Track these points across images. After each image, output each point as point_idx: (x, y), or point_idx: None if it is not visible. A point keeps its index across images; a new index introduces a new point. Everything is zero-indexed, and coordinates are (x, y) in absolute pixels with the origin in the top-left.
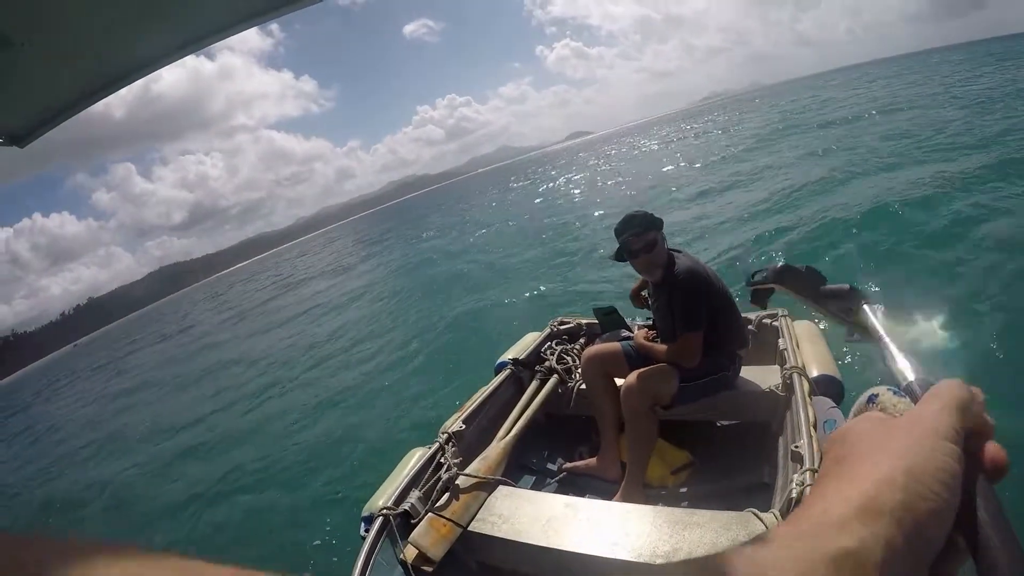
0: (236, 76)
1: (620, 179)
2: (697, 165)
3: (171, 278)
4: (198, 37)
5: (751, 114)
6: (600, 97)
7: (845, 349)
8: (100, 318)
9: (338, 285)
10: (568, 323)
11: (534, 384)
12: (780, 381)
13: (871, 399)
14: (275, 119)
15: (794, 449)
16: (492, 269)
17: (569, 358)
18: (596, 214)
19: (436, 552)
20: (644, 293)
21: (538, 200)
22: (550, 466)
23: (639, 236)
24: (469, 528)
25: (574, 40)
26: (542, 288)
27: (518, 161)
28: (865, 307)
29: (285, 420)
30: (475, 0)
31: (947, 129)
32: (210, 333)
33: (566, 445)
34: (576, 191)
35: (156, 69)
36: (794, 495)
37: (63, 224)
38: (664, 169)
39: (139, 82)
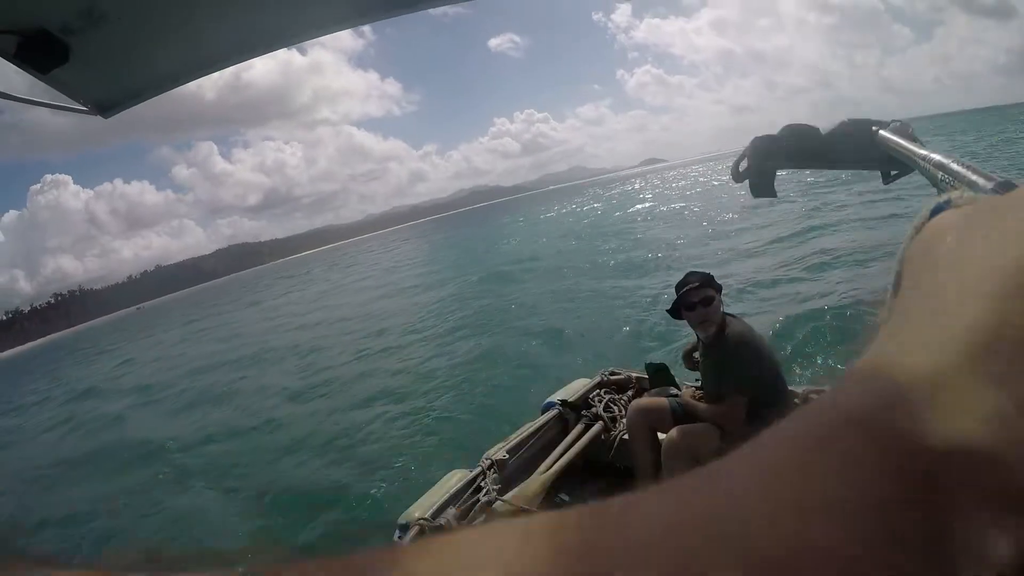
0: (325, 72)
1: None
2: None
3: (238, 257)
4: (294, 33)
5: None
6: (677, 125)
7: None
8: (166, 286)
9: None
10: (618, 374)
11: (578, 427)
12: None
13: (939, 208)
14: (357, 117)
15: None
16: (560, 299)
17: (616, 407)
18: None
19: None
20: (695, 355)
21: (610, 233)
22: None
23: (697, 290)
24: None
25: (655, 67)
26: (596, 336)
27: (592, 181)
28: (881, 132)
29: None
30: (561, 20)
31: None
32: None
33: (601, 491)
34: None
35: (248, 59)
36: None
37: (142, 192)
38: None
39: (231, 68)
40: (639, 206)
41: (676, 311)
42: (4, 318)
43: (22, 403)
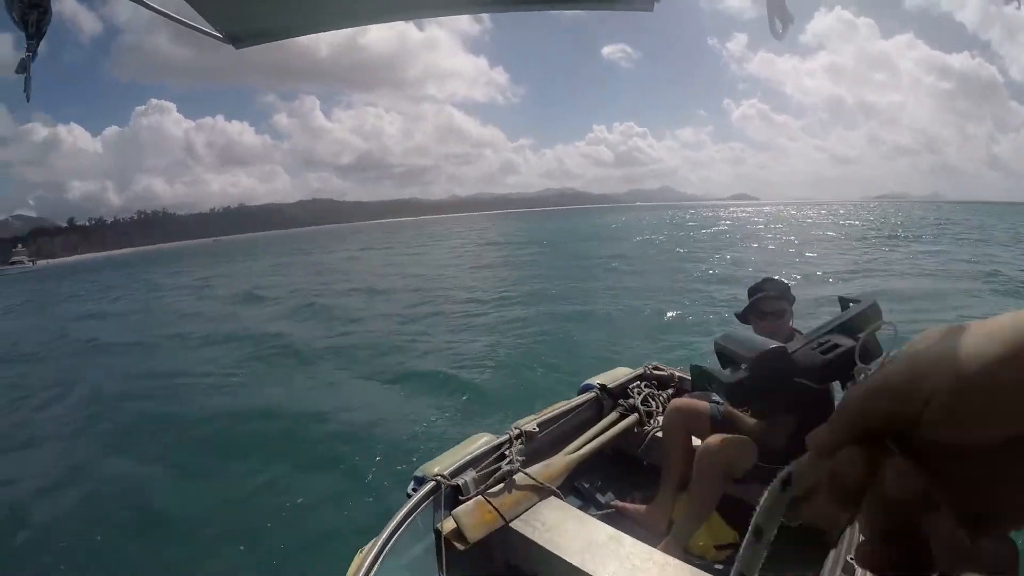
0: (439, 50)
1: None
2: None
3: (319, 211)
4: (422, 7)
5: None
6: (774, 165)
7: None
8: (245, 225)
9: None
10: (662, 370)
11: (613, 415)
12: None
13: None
14: (461, 99)
15: (849, 560)
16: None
17: (654, 403)
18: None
19: (473, 534)
20: None
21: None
22: (599, 497)
23: (772, 300)
24: (511, 524)
25: (762, 102)
26: (651, 328)
27: (680, 205)
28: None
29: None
30: (677, 40)
31: None
32: None
33: (622, 484)
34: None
35: (380, 22)
36: None
37: (241, 132)
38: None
39: (350, 30)
40: None
41: (745, 316)
42: (88, 223)
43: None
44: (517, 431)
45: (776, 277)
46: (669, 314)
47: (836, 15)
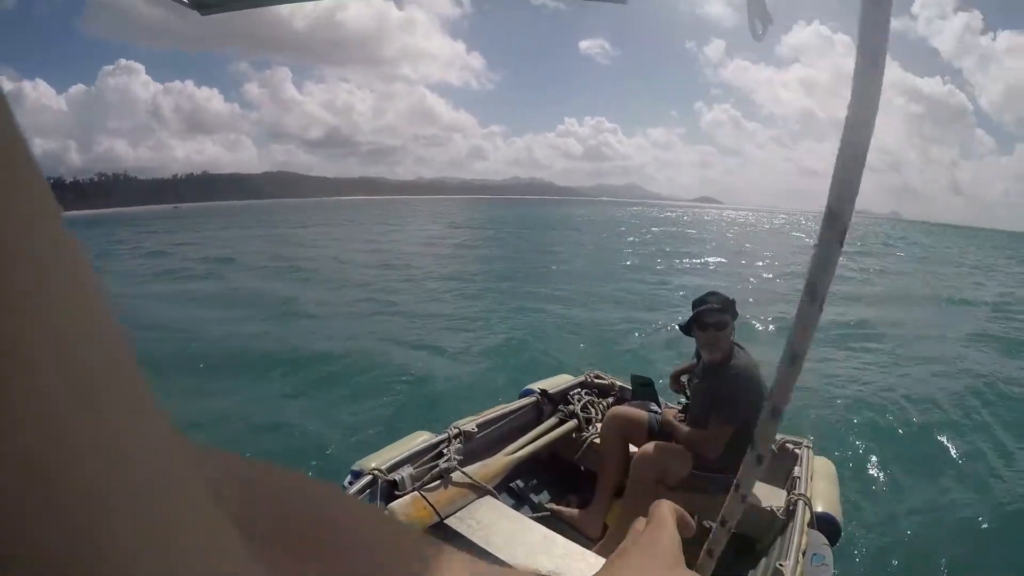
0: (416, 31)
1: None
2: None
3: (283, 184)
4: None
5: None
6: (741, 171)
7: (853, 498)
8: (208, 193)
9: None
10: (603, 379)
11: (552, 420)
12: (783, 504)
13: None
14: (435, 81)
15: (778, 567)
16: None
17: (593, 410)
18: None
19: None
20: (683, 379)
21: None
22: (534, 498)
23: (714, 312)
24: (446, 521)
25: (734, 109)
26: (590, 337)
27: (645, 203)
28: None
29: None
30: (655, 40)
31: None
32: None
33: (557, 488)
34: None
35: None
36: None
37: (210, 99)
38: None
39: (327, 4)
40: None
41: (688, 327)
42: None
43: None
44: (456, 430)
45: (718, 291)
46: (618, 320)
47: (814, 29)
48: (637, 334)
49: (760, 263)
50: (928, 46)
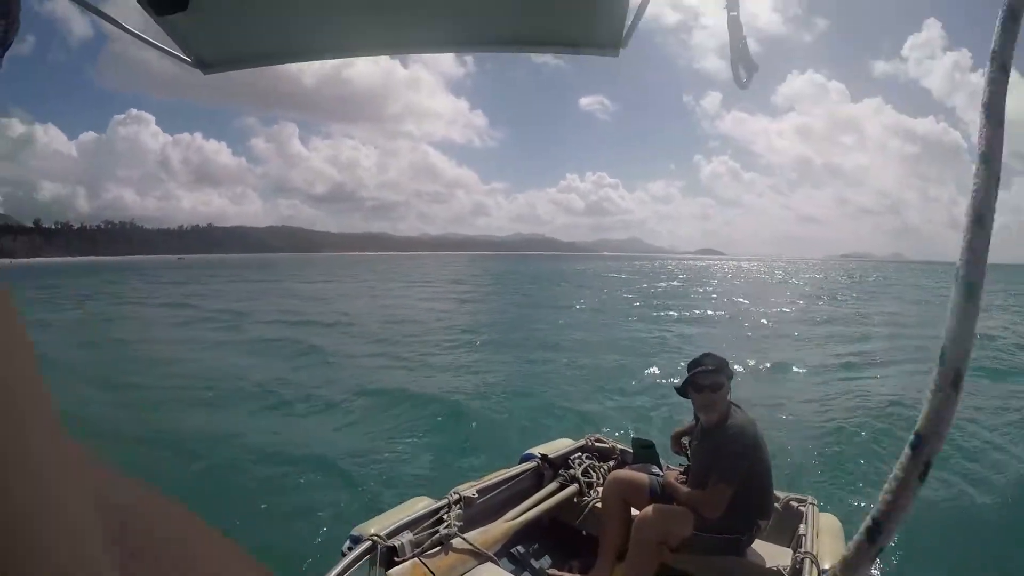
0: (421, 89)
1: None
2: None
3: (288, 238)
4: (408, 43)
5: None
6: (741, 221)
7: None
8: (213, 245)
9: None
10: (604, 443)
11: (553, 485)
12: (790, 564)
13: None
14: (439, 138)
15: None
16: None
17: (594, 474)
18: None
19: None
20: (684, 440)
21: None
22: (534, 563)
23: (709, 374)
24: None
25: (732, 160)
26: (590, 402)
27: (646, 256)
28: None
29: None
30: (653, 96)
31: None
32: None
33: (559, 553)
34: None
35: (357, 56)
36: None
37: (218, 152)
38: None
39: (334, 62)
40: None
41: (684, 389)
42: (54, 227)
43: None
44: (457, 496)
45: (713, 352)
46: (619, 377)
47: (808, 78)
48: (640, 394)
49: (760, 311)
50: (920, 87)
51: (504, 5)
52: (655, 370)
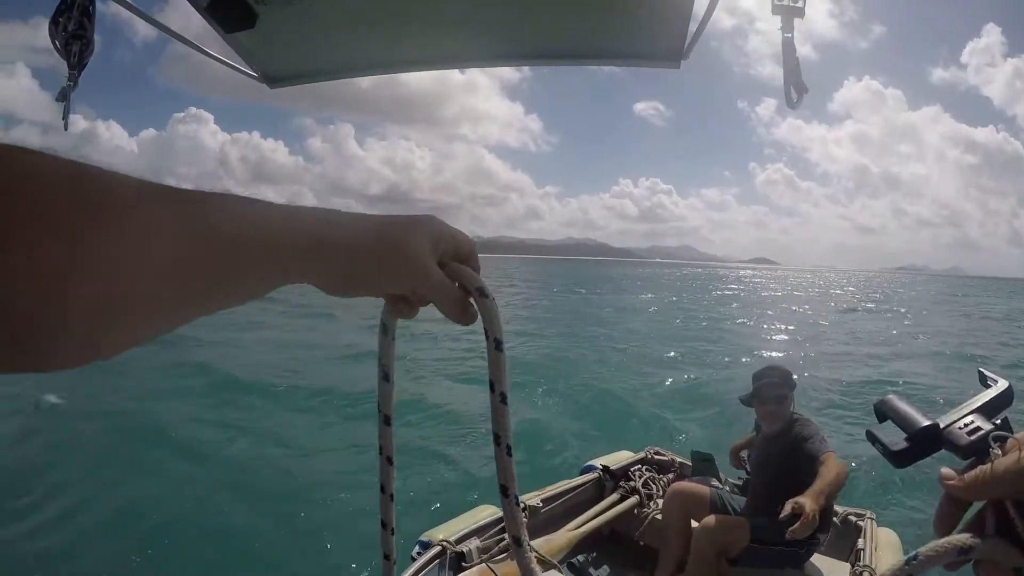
0: (478, 93)
1: None
2: None
3: None
4: (464, 58)
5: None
6: (796, 231)
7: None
8: None
9: None
10: (663, 455)
11: (613, 496)
12: None
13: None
14: (494, 142)
15: None
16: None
17: (654, 486)
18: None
19: None
20: (743, 454)
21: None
22: (594, 572)
23: (776, 387)
24: None
25: (788, 168)
26: (650, 413)
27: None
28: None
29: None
30: (708, 101)
31: None
32: None
33: (617, 563)
34: None
35: (414, 71)
36: None
37: (275, 151)
38: None
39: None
40: None
41: (749, 400)
42: None
43: None
44: (522, 504)
45: (778, 364)
46: (678, 394)
47: (864, 84)
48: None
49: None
50: (979, 95)
51: (568, 20)
52: (713, 380)
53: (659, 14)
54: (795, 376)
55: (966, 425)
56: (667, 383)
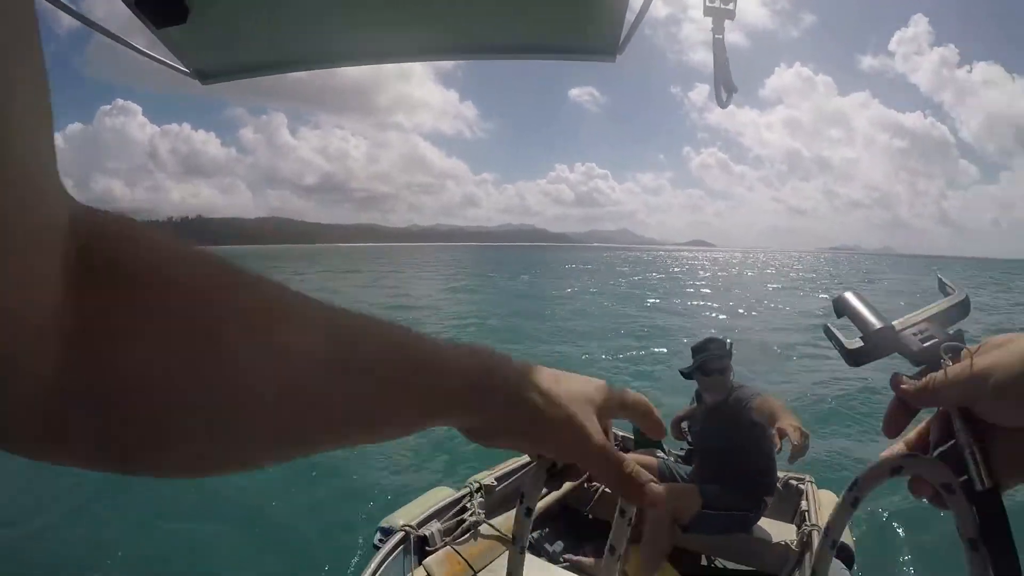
0: (412, 80)
1: None
2: None
3: (278, 229)
4: (401, 52)
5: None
6: (731, 214)
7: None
8: (201, 238)
9: None
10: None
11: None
12: (796, 538)
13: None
14: (429, 130)
15: None
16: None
17: None
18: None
19: None
20: (684, 425)
21: None
22: (548, 548)
23: (717, 359)
24: (479, 574)
25: (722, 152)
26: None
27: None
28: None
29: None
30: (642, 86)
31: None
32: None
33: (570, 537)
34: None
35: (341, 66)
36: None
37: (207, 143)
38: None
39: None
40: None
41: (690, 374)
42: None
43: None
44: (477, 484)
45: (718, 336)
46: (616, 370)
47: (796, 71)
48: (639, 379)
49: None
50: (907, 82)
51: (502, 15)
52: (655, 354)
53: (595, 9)
54: (730, 342)
55: (920, 332)
56: (603, 358)
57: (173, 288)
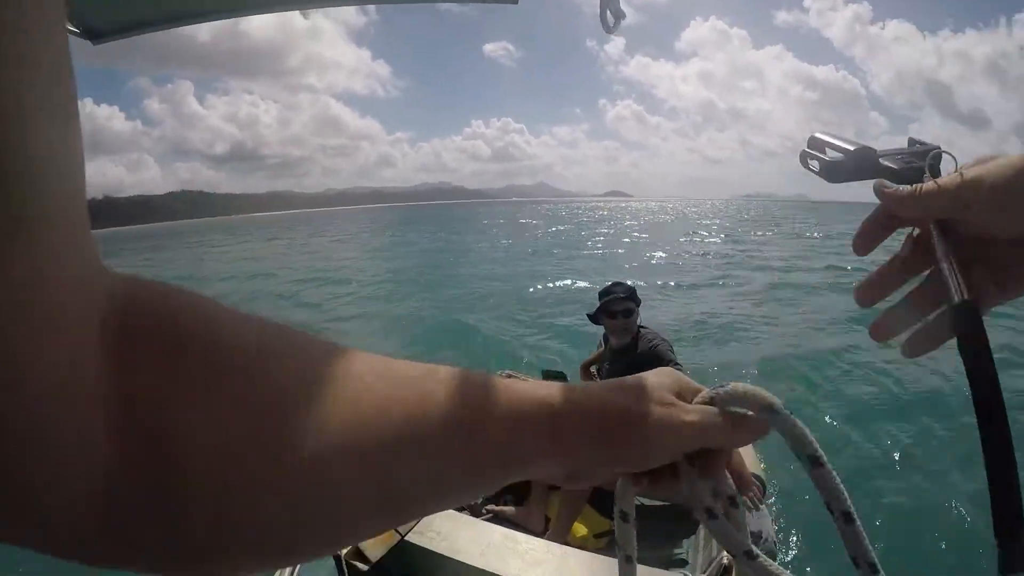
0: (322, 40)
1: None
2: None
3: (190, 203)
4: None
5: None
6: (646, 164)
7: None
8: (111, 218)
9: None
10: (516, 377)
11: None
12: None
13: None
14: (341, 90)
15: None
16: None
17: None
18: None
19: (373, 552)
20: (592, 369)
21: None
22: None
23: (621, 300)
24: (407, 537)
25: (637, 104)
26: (500, 334)
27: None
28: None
29: None
30: (557, 42)
31: None
32: None
33: (496, 494)
34: None
35: (256, 14)
36: (713, 570)
37: (110, 118)
38: None
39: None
40: None
41: (596, 317)
42: None
43: None
44: None
45: (622, 281)
46: (531, 311)
47: (711, 24)
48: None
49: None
50: (821, 36)
51: None
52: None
53: None
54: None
55: (901, 156)
56: (515, 303)
57: (224, 354)
